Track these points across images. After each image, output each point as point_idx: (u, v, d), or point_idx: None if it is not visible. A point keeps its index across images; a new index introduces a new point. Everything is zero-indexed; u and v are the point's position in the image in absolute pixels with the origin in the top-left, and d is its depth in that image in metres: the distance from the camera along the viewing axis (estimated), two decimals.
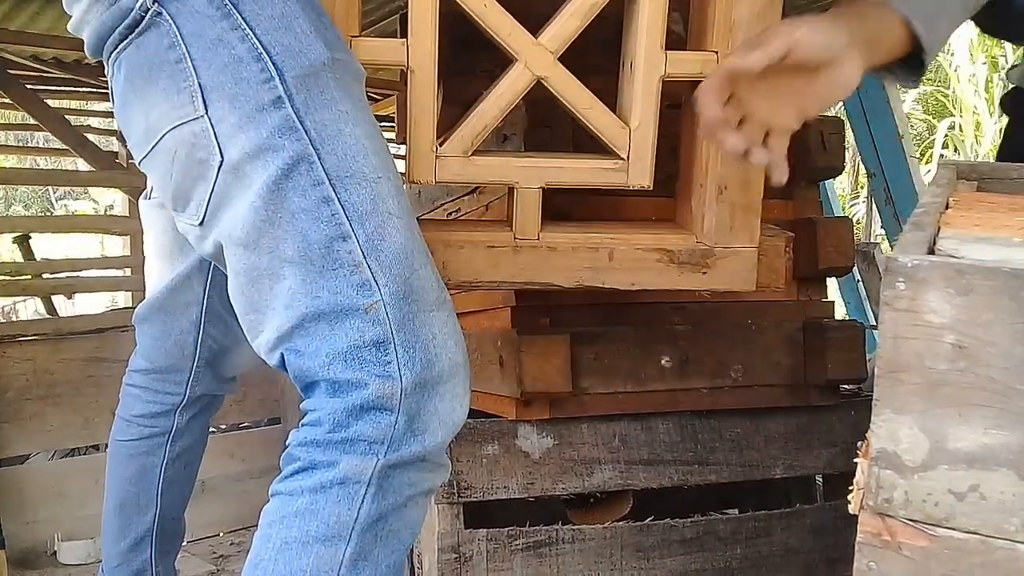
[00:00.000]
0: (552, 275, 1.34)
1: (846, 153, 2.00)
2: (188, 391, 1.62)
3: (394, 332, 1.00)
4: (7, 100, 4.33)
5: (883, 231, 4.52)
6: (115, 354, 3.07)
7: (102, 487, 1.67)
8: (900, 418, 0.64)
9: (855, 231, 1.89)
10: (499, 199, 1.76)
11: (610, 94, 1.37)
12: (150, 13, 1.02)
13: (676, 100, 1.42)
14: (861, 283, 4.24)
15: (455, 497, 1.61)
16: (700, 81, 1.32)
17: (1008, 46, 8.31)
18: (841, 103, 4.34)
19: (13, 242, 4.27)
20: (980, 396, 0.62)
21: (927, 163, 7.72)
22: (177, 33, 1.02)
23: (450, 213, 2.05)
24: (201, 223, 1.06)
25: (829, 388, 1.79)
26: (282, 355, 1.04)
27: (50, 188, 15.09)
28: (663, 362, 1.70)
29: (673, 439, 1.72)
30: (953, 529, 0.63)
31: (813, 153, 1.78)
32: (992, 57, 8.38)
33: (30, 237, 4.13)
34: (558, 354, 1.61)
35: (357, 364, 0.99)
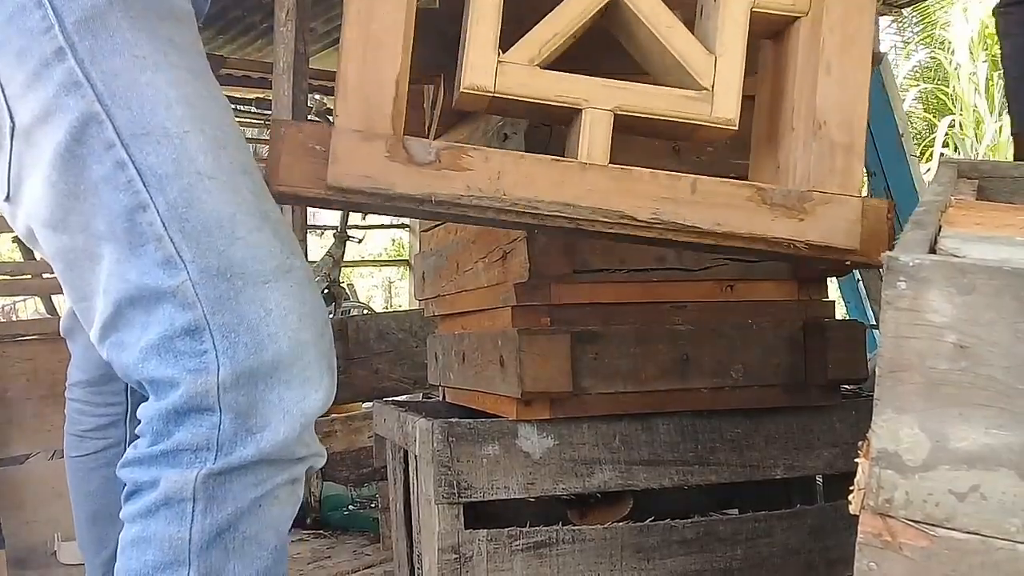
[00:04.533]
0: (625, 202, 1.14)
1: None
2: (129, 398, 1.58)
3: (207, 315, 0.87)
4: None
5: None
6: None
7: None
8: (901, 418, 0.64)
9: None
10: None
11: None
12: None
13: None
14: (861, 283, 4.24)
15: (455, 497, 1.61)
16: (792, 16, 1.19)
17: None
18: None
19: (13, 241, 4.27)
20: (981, 396, 0.62)
21: (927, 162, 7.71)
22: None
23: None
24: (8, 198, 0.94)
25: (830, 388, 1.79)
26: (107, 350, 0.92)
27: None
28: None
29: (674, 439, 1.72)
30: (954, 529, 0.63)
31: None
32: (993, 56, 8.37)
33: None
34: (559, 354, 1.60)
35: (171, 358, 0.87)
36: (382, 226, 6.84)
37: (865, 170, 4.31)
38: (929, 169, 6.46)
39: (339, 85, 1.12)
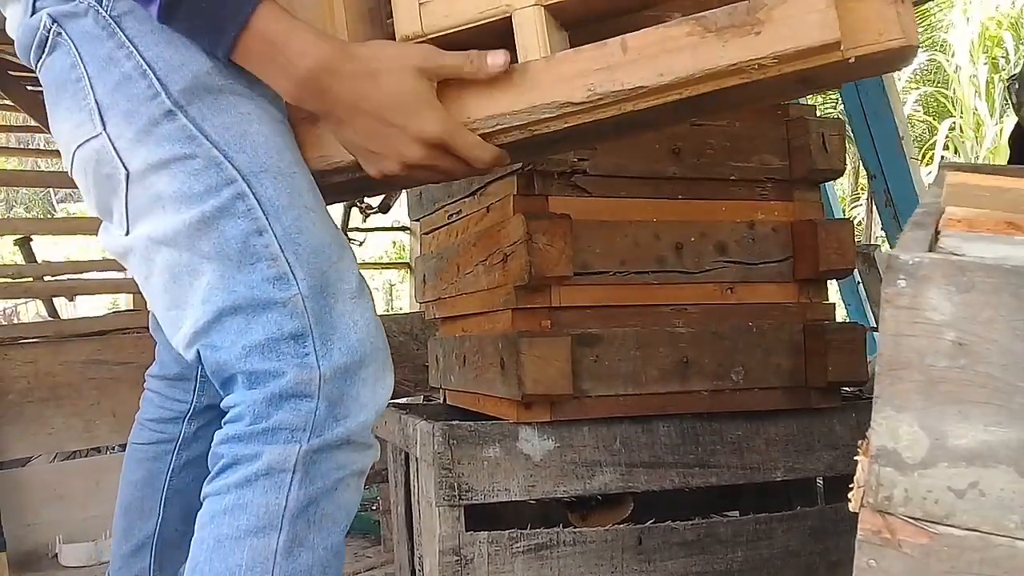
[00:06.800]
0: (557, 89, 1.03)
1: (847, 155, 2.01)
2: (195, 400, 1.63)
3: (312, 324, 1.02)
4: (8, 102, 4.33)
5: (883, 233, 4.52)
6: (116, 356, 3.08)
7: (103, 489, 1.66)
8: (900, 415, 0.64)
9: (855, 233, 1.89)
10: (499, 201, 1.76)
11: None
12: (52, 33, 1.05)
13: None
14: (861, 285, 4.25)
15: (456, 499, 1.61)
16: None
17: (1009, 47, 8.32)
18: (842, 104, 4.35)
19: (14, 244, 4.28)
20: (980, 393, 0.62)
21: (928, 164, 7.72)
22: (77, 53, 1.04)
23: (451, 215, 2.06)
24: (127, 233, 1.09)
25: (830, 390, 1.79)
26: (199, 351, 1.05)
27: (51, 190, 15.10)
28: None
29: (674, 442, 1.72)
30: (953, 526, 0.63)
31: (814, 155, 1.78)
32: (993, 58, 8.39)
33: (31, 239, 4.13)
34: (559, 356, 1.61)
35: (275, 355, 1.01)
36: (383, 229, 6.83)
37: (866, 172, 4.31)
38: (930, 172, 6.46)
39: None
